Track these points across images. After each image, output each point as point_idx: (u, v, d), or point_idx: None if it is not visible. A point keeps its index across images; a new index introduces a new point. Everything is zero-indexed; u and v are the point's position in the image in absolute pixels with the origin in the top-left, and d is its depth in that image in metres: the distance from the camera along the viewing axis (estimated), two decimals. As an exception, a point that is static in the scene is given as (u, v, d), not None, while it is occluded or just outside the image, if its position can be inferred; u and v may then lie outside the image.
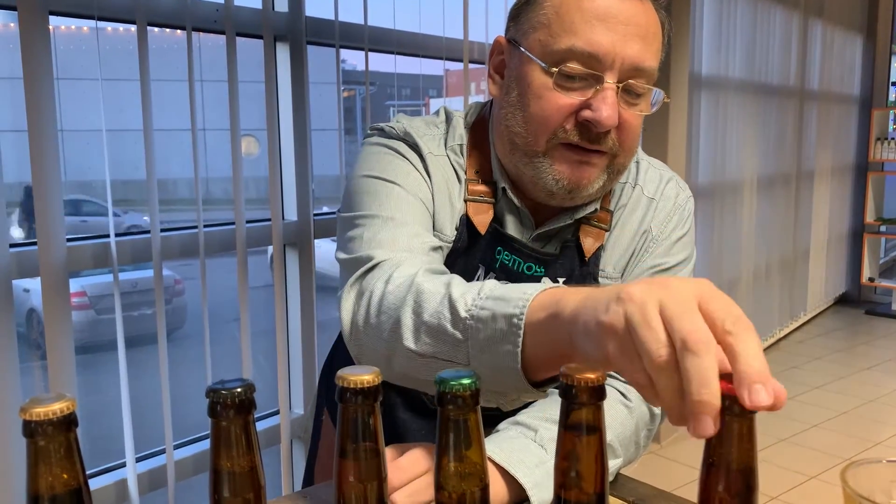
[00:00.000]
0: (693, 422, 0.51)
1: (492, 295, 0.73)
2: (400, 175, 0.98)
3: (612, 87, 0.91)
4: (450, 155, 1.04)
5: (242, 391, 0.47)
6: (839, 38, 5.67)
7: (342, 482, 0.50)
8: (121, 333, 1.76)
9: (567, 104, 0.92)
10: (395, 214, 0.94)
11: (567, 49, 0.91)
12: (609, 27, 0.90)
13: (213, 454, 0.48)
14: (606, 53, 0.90)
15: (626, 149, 0.96)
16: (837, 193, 5.97)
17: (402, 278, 0.83)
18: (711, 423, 0.50)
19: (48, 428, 0.44)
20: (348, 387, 0.49)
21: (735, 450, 0.51)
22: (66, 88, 5.94)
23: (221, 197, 9.33)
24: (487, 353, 0.71)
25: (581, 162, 0.94)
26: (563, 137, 0.93)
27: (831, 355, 4.94)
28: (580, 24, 0.90)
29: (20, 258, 1.58)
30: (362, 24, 2.21)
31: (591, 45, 0.90)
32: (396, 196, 0.96)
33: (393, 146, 1.02)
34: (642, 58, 0.91)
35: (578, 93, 0.92)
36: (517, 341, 0.68)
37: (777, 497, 3.00)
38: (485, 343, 0.71)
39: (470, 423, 0.50)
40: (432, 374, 0.79)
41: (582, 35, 0.90)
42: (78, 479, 0.46)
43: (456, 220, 1.02)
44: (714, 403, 0.50)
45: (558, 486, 0.53)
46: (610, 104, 0.90)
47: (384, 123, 1.06)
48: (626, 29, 0.90)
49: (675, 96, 3.48)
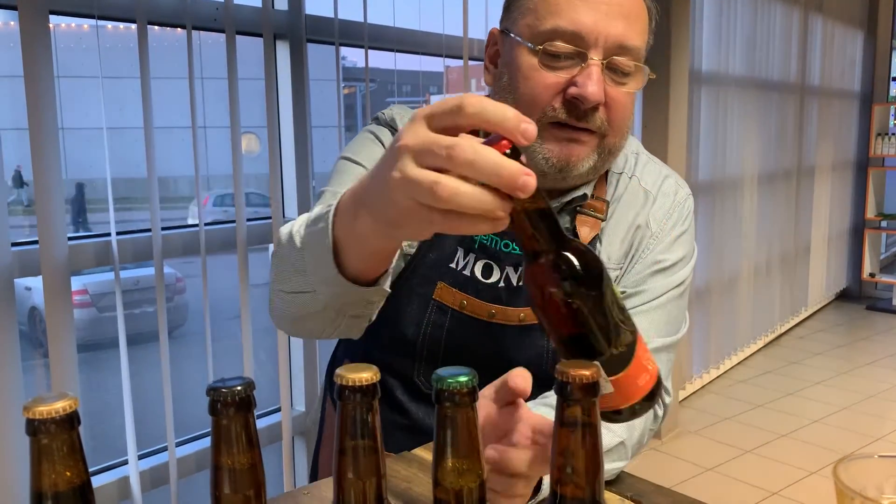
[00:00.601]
0: (517, 192, 0.55)
1: (318, 215, 0.79)
2: (370, 158, 1.03)
3: (596, 63, 0.93)
4: None
5: (242, 389, 0.48)
6: (839, 34, 5.66)
7: (341, 480, 0.51)
8: (122, 331, 1.76)
9: (554, 82, 0.94)
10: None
11: (551, 29, 0.94)
12: (592, 6, 0.93)
13: (213, 452, 0.48)
14: (590, 31, 0.92)
15: (615, 128, 0.97)
16: (838, 189, 5.97)
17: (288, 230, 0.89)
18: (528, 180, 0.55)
19: (51, 426, 0.45)
20: (346, 385, 0.50)
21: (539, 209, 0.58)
22: (66, 86, 5.94)
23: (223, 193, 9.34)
24: (316, 267, 0.78)
25: (570, 140, 0.96)
26: (552, 116, 0.95)
27: (832, 351, 4.95)
28: (563, 4, 0.94)
29: (22, 257, 1.59)
30: (362, 22, 2.21)
31: (574, 23, 0.93)
32: (357, 174, 1.01)
33: (376, 132, 1.08)
34: (626, 35, 0.94)
35: (565, 71, 0.94)
36: (328, 244, 0.75)
37: (778, 492, 3.01)
38: (313, 260, 0.78)
39: (467, 419, 0.50)
40: (304, 312, 0.85)
41: (565, 15, 0.93)
42: (81, 477, 0.46)
43: None
44: (514, 171, 0.55)
45: (554, 481, 0.54)
46: (595, 80, 0.92)
47: (381, 111, 1.12)
48: (609, 8, 0.93)
49: (676, 92, 3.48)
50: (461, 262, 1.05)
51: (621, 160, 1.10)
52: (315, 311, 0.84)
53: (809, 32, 5.18)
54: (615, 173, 1.09)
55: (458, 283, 1.04)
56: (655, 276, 1.05)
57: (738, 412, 3.83)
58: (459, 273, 1.04)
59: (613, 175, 1.09)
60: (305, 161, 2.13)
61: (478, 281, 1.04)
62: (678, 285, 1.06)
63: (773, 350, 4.93)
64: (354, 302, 0.81)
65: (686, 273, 1.08)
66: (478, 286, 1.04)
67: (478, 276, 1.04)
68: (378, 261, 0.77)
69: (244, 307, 1.99)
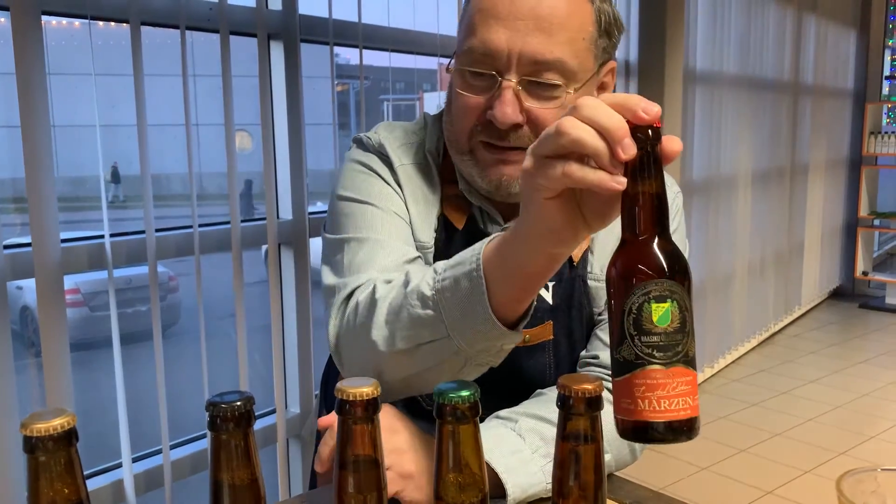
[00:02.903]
0: (618, 149, 0.60)
1: (447, 266, 0.79)
2: (373, 194, 1.01)
3: (509, 84, 0.91)
4: (429, 158, 1.06)
5: (242, 404, 0.47)
6: (833, 33, 5.67)
7: (342, 493, 0.50)
8: (116, 333, 1.75)
9: (474, 104, 0.94)
10: (370, 234, 0.97)
11: (466, 50, 0.93)
12: (505, 24, 0.90)
13: (212, 467, 0.48)
14: (500, 51, 0.90)
15: None
16: (831, 187, 5.98)
17: (365, 294, 0.88)
18: (630, 141, 0.60)
19: (48, 443, 0.44)
20: (347, 399, 0.49)
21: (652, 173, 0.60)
22: (57, 83, 5.89)
23: (215, 192, 9.30)
24: (460, 315, 0.76)
25: (499, 160, 0.96)
26: (479, 136, 0.95)
27: (826, 349, 4.96)
28: (478, 24, 0.92)
29: (14, 259, 1.58)
30: (356, 22, 2.20)
31: (485, 43, 0.91)
32: (371, 215, 0.99)
33: (367, 162, 1.05)
34: (543, 51, 0.90)
35: (483, 92, 0.94)
36: (482, 289, 0.74)
37: (772, 491, 3.01)
38: (456, 308, 0.77)
39: (469, 434, 0.50)
40: (424, 367, 0.82)
41: (478, 34, 0.92)
42: (79, 493, 0.46)
43: (434, 222, 1.04)
44: (623, 125, 0.60)
45: (556, 494, 0.53)
46: (506, 102, 0.91)
47: (365, 133, 1.09)
48: (525, 24, 0.90)
49: (670, 91, 3.48)
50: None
51: None
52: (440, 363, 0.82)
53: (803, 31, 5.19)
54: None
55: None
56: None
57: (732, 411, 3.84)
58: None
59: None
60: (300, 163, 2.12)
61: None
62: None
63: (767, 349, 4.94)
64: (490, 349, 0.81)
65: None
66: None
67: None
68: (531, 288, 0.77)
69: (239, 309, 1.98)
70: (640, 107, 0.60)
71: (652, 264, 0.59)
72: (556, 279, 1.03)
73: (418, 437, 0.85)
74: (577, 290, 1.04)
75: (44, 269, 1.58)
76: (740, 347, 4.73)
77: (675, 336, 0.58)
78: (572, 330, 1.05)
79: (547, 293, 1.03)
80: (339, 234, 1.00)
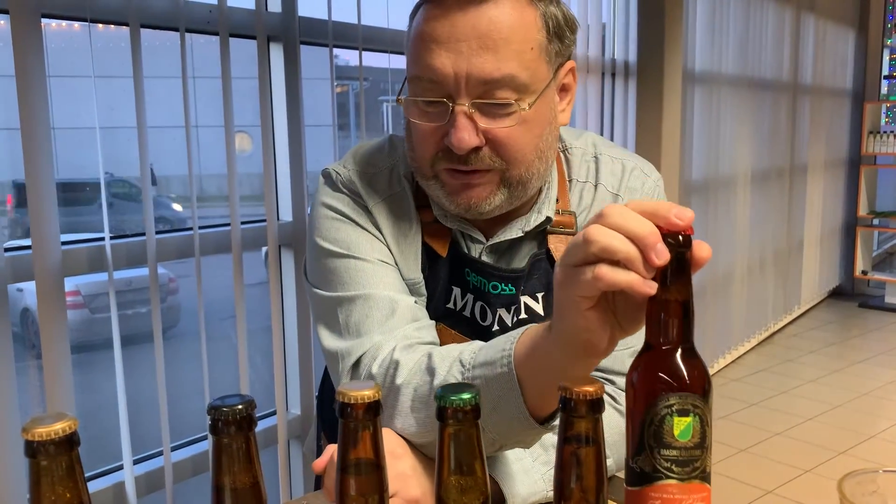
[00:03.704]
0: (651, 255, 0.59)
1: (475, 362, 0.79)
2: (353, 245, 0.98)
3: (462, 108, 0.87)
4: (404, 183, 1.02)
5: (243, 408, 0.47)
6: (831, 32, 5.68)
7: (344, 496, 0.51)
8: (117, 335, 1.75)
9: (430, 132, 0.91)
10: (360, 290, 0.95)
11: (413, 78, 0.90)
12: (447, 48, 0.86)
13: (214, 470, 0.48)
14: (446, 76, 0.87)
15: (509, 161, 0.91)
16: (830, 187, 5.99)
17: (383, 370, 0.88)
18: (663, 246, 0.59)
19: (50, 448, 0.44)
20: (348, 402, 0.49)
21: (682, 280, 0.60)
22: (56, 86, 5.88)
23: (215, 194, 9.30)
24: (492, 409, 0.76)
25: (464, 184, 0.93)
26: (441, 164, 0.92)
27: (825, 348, 4.97)
28: (421, 51, 0.88)
29: (14, 262, 1.58)
30: (356, 24, 2.21)
31: (431, 70, 0.87)
32: (356, 269, 0.97)
33: (340, 208, 1.01)
34: (491, 70, 0.86)
35: (436, 119, 0.90)
36: (517, 392, 0.74)
37: (772, 491, 3.01)
38: (488, 403, 0.75)
39: (470, 437, 0.50)
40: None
41: (422, 61, 0.88)
42: (80, 497, 0.46)
43: (419, 254, 1.01)
44: (655, 231, 0.60)
45: (558, 496, 0.53)
46: (462, 127, 0.87)
47: (333, 166, 1.05)
48: (468, 45, 0.86)
49: (669, 92, 3.48)
50: (458, 301, 1.02)
51: (582, 168, 1.06)
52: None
53: (801, 31, 5.20)
54: (578, 182, 1.05)
55: (457, 324, 1.02)
56: None
57: (731, 411, 3.84)
58: (458, 314, 1.02)
59: (577, 184, 1.05)
60: (300, 166, 2.13)
61: (476, 323, 1.02)
62: None
63: (766, 348, 4.94)
64: (525, 439, 0.81)
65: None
66: (477, 329, 1.02)
67: (477, 318, 1.02)
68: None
69: (239, 312, 1.98)
70: (672, 213, 0.60)
71: (676, 376, 0.58)
72: (545, 289, 1.02)
73: (421, 461, 0.85)
74: None
75: (44, 271, 1.58)
76: (740, 347, 4.73)
77: (695, 451, 0.57)
78: None
79: (538, 304, 1.02)
80: (329, 292, 0.98)
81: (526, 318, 1.01)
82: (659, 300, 0.60)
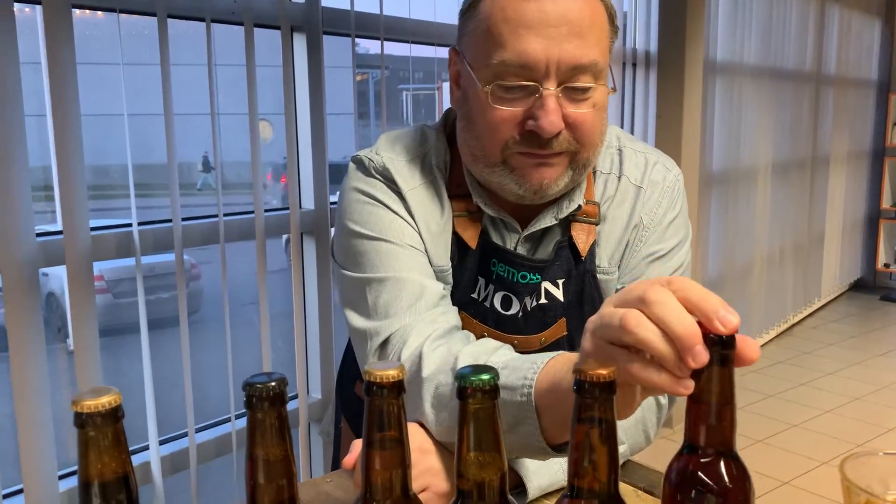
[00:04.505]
0: (688, 357, 0.56)
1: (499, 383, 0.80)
2: (385, 229, 1.00)
3: (551, 93, 0.90)
4: (436, 173, 1.04)
5: (277, 385, 0.50)
6: (856, 22, 5.62)
7: (369, 470, 0.54)
8: (143, 319, 1.80)
9: (510, 117, 0.92)
10: (390, 273, 0.97)
11: (499, 63, 0.90)
12: (538, 33, 0.88)
13: (249, 443, 0.51)
14: (538, 61, 0.88)
15: (584, 143, 0.95)
16: (853, 179, 5.94)
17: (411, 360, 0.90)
18: (702, 349, 0.56)
19: (97, 419, 0.47)
20: (374, 381, 0.52)
21: (721, 386, 0.56)
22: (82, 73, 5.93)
23: (235, 182, 9.37)
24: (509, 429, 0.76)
25: (539, 164, 0.95)
26: (516, 147, 0.94)
27: (845, 341, 4.94)
28: (508, 35, 0.89)
29: (46, 247, 1.62)
30: (378, 14, 2.23)
31: (521, 55, 0.89)
32: (386, 252, 0.99)
33: (372, 193, 1.03)
34: (580, 56, 0.89)
35: (519, 103, 0.91)
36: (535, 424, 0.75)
37: (789, 482, 3.02)
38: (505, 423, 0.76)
39: (489, 415, 0.53)
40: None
41: (511, 47, 0.89)
42: (125, 466, 0.49)
43: (449, 243, 1.03)
44: (696, 331, 0.56)
45: (571, 475, 0.56)
46: (550, 111, 0.89)
47: (365, 153, 1.06)
48: (558, 31, 0.88)
49: (690, 82, 3.47)
50: (482, 292, 1.05)
51: (606, 160, 1.08)
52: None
53: (826, 20, 5.15)
54: (602, 173, 1.08)
55: (479, 314, 1.05)
56: (652, 266, 1.06)
57: (749, 402, 3.84)
58: (480, 304, 1.05)
59: (601, 175, 1.08)
60: (322, 154, 2.15)
61: (498, 313, 1.04)
62: (676, 269, 1.07)
63: (785, 340, 4.93)
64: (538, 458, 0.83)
65: (683, 256, 1.08)
66: (498, 318, 1.04)
67: (498, 308, 1.04)
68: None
69: (262, 297, 2.02)
70: (717, 315, 0.56)
71: (715, 486, 0.57)
72: (566, 276, 1.04)
73: (447, 456, 0.88)
74: (587, 285, 1.05)
75: (74, 256, 1.62)
76: (758, 339, 4.72)
77: None
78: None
79: (558, 290, 1.04)
80: (358, 274, 1.00)
81: (545, 302, 1.04)
82: (697, 400, 0.57)
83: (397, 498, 0.53)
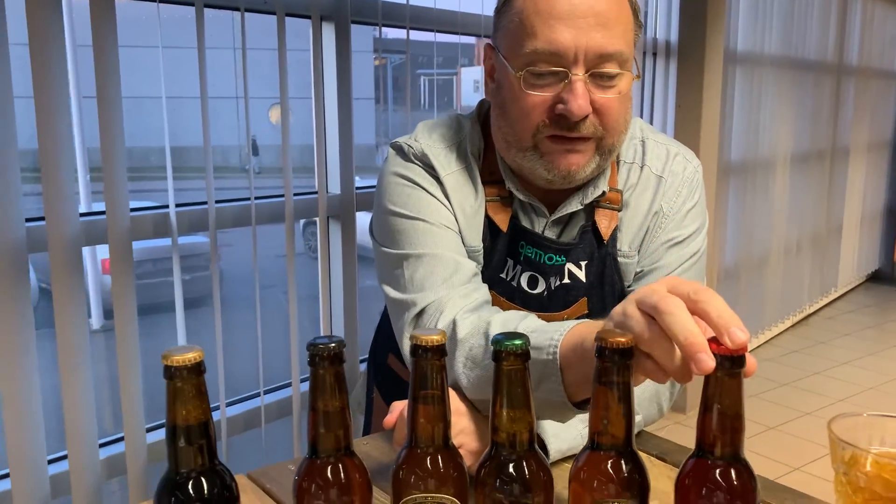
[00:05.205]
0: (693, 364, 0.60)
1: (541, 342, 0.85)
2: (423, 209, 1.08)
3: (579, 78, 0.97)
4: (471, 160, 1.12)
5: (336, 346, 0.58)
6: (880, 12, 5.59)
7: (414, 423, 0.61)
8: (180, 298, 1.88)
9: (540, 101, 1.00)
10: (426, 249, 1.06)
11: (531, 52, 0.98)
12: (568, 24, 0.96)
13: (311, 397, 0.58)
14: (567, 49, 0.96)
15: (610, 129, 1.02)
16: (873, 170, 5.93)
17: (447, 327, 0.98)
18: (707, 357, 0.60)
19: (184, 372, 0.55)
20: (420, 345, 0.59)
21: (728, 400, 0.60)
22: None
23: (266, 165, 9.46)
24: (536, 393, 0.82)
25: (568, 150, 1.02)
26: (546, 131, 1.01)
27: (861, 332, 4.96)
28: (540, 26, 0.97)
29: (88, 227, 1.71)
30: (404, 4, 2.29)
31: (552, 43, 0.96)
32: (423, 231, 1.07)
33: (411, 176, 1.11)
34: (606, 45, 0.97)
35: (549, 88, 0.99)
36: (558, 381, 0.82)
37: (800, 468, 3.08)
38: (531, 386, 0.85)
39: (520, 375, 0.60)
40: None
41: (542, 36, 0.97)
42: (206, 413, 0.56)
43: (482, 225, 1.12)
44: (701, 341, 0.61)
45: (593, 432, 0.63)
46: (579, 95, 0.97)
47: (405, 139, 1.15)
48: (586, 21, 0.96)
49: (710, 72, 3.50)
50: (510, 272, 1.13)
51: (630, 150, 1.15)
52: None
53: (848, 10, 5.13)
54: (625, 163, 1.15)
55: (506, 292, 1.13)
56: (670, 251, 1.13)
57: (763, 390, 3.89)
58: (508, 283, 1.13)
59: (624, 164, 1.15)
60: (348, 140, 2.22)
61: (524, 292, 1.12)
62: (693, 255, 1.14)
63: (801, 330, 4.96)
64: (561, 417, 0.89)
65: (700, 242, 1.15)
66: (524, 296, 1.12)
67: (524, 287, 1.12)
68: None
69: (290, 278, 2.09)
70: (728, 331, 0.61)
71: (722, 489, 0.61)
72: (588, 258, 1.11)
73: (479, 418, 0.96)
74: (608, 267, 1.12)
75: (116, 235, 1.70)
76: (774, 328, 4.76)
77: None
78: (606, 304, 1.14)
79: (580, 271, 1.12)
80: (396, 250, 1.08)
81: (568, 282, 1.12)
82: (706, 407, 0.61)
83: (439, 447, 0.61)
